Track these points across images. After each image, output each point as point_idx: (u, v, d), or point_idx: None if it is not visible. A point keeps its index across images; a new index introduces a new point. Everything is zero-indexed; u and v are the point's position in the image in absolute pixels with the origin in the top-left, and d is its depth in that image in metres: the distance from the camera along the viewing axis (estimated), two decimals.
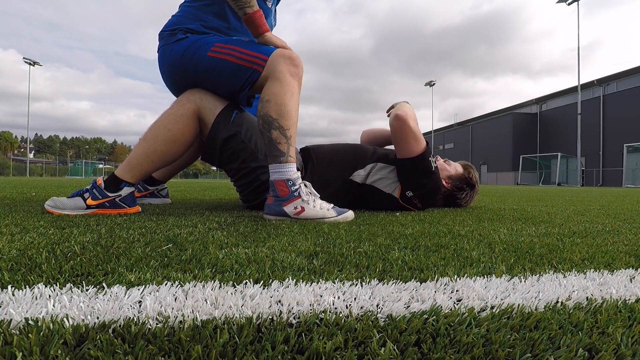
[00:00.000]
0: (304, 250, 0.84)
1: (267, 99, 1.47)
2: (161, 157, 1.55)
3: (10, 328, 0.40)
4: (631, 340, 0.42)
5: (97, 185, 1.48)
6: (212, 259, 0.73)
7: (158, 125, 1.56)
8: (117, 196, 1.49)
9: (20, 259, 0.68)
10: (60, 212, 1.42)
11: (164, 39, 1.61)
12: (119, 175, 1.52)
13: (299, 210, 1.40)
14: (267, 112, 1.46)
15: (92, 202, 1.46)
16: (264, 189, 1.69)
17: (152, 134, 1.55)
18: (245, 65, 1.52)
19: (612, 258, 0.84)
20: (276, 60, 1.50)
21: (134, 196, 1.55)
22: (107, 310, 0.45)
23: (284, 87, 1.47)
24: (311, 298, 0.51)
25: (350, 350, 0.37)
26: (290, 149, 1.46)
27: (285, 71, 1.49)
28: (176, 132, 1.55)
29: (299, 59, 1.53)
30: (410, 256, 0.79)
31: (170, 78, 1.66)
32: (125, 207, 1.51)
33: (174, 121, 1.56)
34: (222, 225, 1.22)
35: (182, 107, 1.57)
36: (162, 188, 2.17)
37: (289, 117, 1.47)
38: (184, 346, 0.37)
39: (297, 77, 1.52)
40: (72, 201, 1.46)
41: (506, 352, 0.38)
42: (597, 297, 0.56)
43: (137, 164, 1.53)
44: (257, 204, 1.76)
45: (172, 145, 1.56)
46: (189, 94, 1.60)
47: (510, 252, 0.88)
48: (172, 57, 1.58)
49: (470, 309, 0.49)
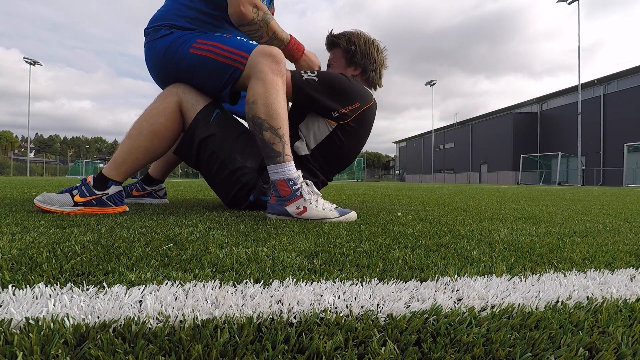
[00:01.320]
0: (304, 249, 0.84)
1: (253, 101, 1.45)
2: (145, 153, 1.53)
3: (10, 327, 0.40)
4: (632, 339, 0.42)
5: (86, 183, 1.48)
6: (212, 258, 0.73)
7: (141, 121, 1.54)
8: (104, 194, 1.47)
9: (20, 259, 0.68)
10: (47, 208, 1.42)
11: (149, 36, 1.60)
12: (105, 173, 1.51)
13: (302, 210, 1.40)
14: (256, 114, 1.44)
15: (80, 199, 1.45)
16: (247, 190, 1.65)
17: (135, 130, 1.53)
18: (227, 62, 1.50)
19: (612, 257, 0.84)
20: (256, 59, 1.47)
21: (121, 195, 1.53)
22: (108, 310, 0.45)
23: (267, 87, 1.45)
24: (311, 297, 0.51)
25: (350, 350, 0.37)
26: (286, 148, 1.45)
27: (267, 70, 1.46)
28: (159, 126, 1.53)
29: (280, 54, 1.50)
30: (410, 256, 0.79)
31: (155, 74, 1.65)
32: (111, 206, 1.49)
33: (157, 115, 1.53)
34: (222, 224, 1.22)
35: (165, 101, 1.55)
36: (160, 188, 2.15)
37: (278, 116, 1.45)
38: (185, 345, 0.37)
39: (280, 74, 1.49)
40: (60, 197, 1.45)
41: (506, 352, 0.38)
42: (597, 297, 0.56)
43: (122, 162, 1.51)
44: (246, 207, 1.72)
45: (156, 140, 1.53)
46: (172, 87, 1.59)
47: (510, 251, 0.88)
48: (155, 54, 1.57)
49: (471, 308, 0.49)
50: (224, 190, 1.70)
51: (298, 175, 1.45)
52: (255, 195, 1.65)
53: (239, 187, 1.65)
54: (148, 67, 1.66)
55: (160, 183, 2.15)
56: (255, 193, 1.65)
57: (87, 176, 1.51)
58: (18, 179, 10.26)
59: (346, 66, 1.83)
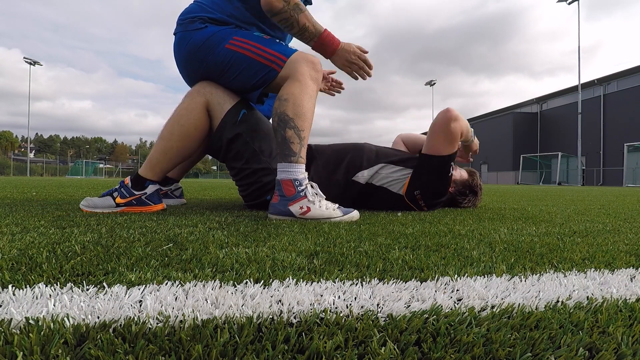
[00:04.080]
0: (304, 249, 0.84)
1: (286, 98, 1.46)
2: (178, 153, 1.59)
3: (10, 327, 0.40)
4: (632, 339, 0.42)
5: (124, 185, 1.56)
6: (212, 258, 0.73)
7: (172, 122, 1.58)
8: (142, 194, 1.56)
9: (20, 259, 0.68)
10: (92, 211, 1.51)
11: (182, 25, 1.59)
12: (142, 174, 1.58)
13: (305, 210, 1.40)
14: (284, 111, 1.45)
15: (121, 201, 1.54)
16: (265, 191, 1.69)
17: (167, 132, 1.58)
18: (264, 62, 1.51)
19: (612, 257, 0.84)
20: (298, 61, 1.50)
21: (159, 194, 1.61)
22: (108, 310, 0.45)
23: (303, 89, 1.47)
24: (311, 297, 0.51)
25: (350, 350, 0.37)
26: (302, 150, 1.46)
27: (306, 73, 1.49)
28: (189, 126, 1.57)
29: (320, 64, 1.54)
30: (410, 256, 0.79)
31: (185, 67, 1.64)
32: (150, 205, 1.58)
33: (186, 116, 1.58)
34: (222, 224, 1.22)
35: (193, 101, 1.59)
36: (176, 188, 2.12)
37: (305, 119, 1.47)
38: (185, 346, 0.37)
39: (317, 82, 1.53)
40: (103, 200, 1.54)
41: (506, 352, 0.38)
42: (597, 297, 0.56)
43: (157, 162, 1.58)
44: (257, 203, 1.75)
45: (187, 140, 1.58)
46: (199, 87, 1.61)
47: (510, 251, 0.88)
48: (190, 46, 1.56)
49: (471, 308, 0.49)
50: (245, 187, 1.75)
51: (305, 177, 1.46)
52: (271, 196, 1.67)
53: (259, 186, 1.69)
54: (177, 58, 1.64)
55: (176, 182, 2.12)
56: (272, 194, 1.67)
57: (125, 178, 1.60)
58: (18, 179, 10.26)
59: (455, 189, 2.08)
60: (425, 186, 1.79)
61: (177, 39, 1.61)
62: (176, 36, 1.61)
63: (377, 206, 1.88)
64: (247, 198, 1.79)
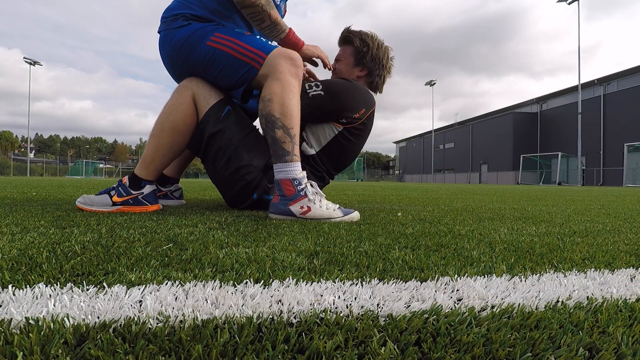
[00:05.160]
0: (304, 249, 0.84)
1: (269, 98, 1.46)
2: (170, 149, 1.58)
3: (10, 327, 0.40)
4: (632, 339, 0.42)
5: (122, 184, 1.56)
6: (212, 258, 0.73)
7: (162, 119, 1.58)
8: (139, 194, 1.56)
9: (20, 259, 0.68)
10: (89, 208, 1.52)
11: (165, 23, 1.59)
12: (137, 174, 1.57)
13: (305, 210, 1.40)
14: (270, 112, 1.45)
15: (118, 199, 1.54)
16: (251, 189, 1.65)
17: (158, 129, 1.57)
18: (243, 60, 1.51)
19: (612, 257, 0.84)
20: (276, 59, 1.49)
21: (155, 194, 1.61)
22: (108, 310, 0.45)
23: (285, 87, 1.47)
24: (311, 297, 0.51)
25: (350, 350, 0.37)
26: (295, 148, 1.46)
27: (285, 71, 1.48)
28: (178, 121, 1.57)
29: (299, 59, 1.53)
30: (410, 256, 0.79)
31: (171, 65, 1.65)
32: (147, 205, 1.58)
33: (175, 111, 1.57)
34: (222, 224, 1.22)
35: (181, 96, 1.58)
36: (176, 189, 2.07)
37: (292, 117, 1.47)
38: (185, 346, 0.37)
39: (297, 77, 1.52)
40: (100, 198, 1.55)
41: (506, 352, 0.38)
42: (597, 297, 0.56)
43: (150, 161, 1.57)
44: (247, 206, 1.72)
45: (177, 135, 1.58)
46: (186, 82, 1.61)
47: (510, 251, 0.88)
48: (173, 44, 1.57)
49: (471, 308, 0.49)
50: (227, 187, 1.71)
51: (303, 175, 1.45)
52: (259, 194, 1.65)
53: (243, 184, 1.65)
54: (163, 57, 1.65)
55: (176, 182, 2.08)
56: (259, 192, 1.65)
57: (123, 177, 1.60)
58: (18, 179, 10.26)
59: (354, 65, 1.85)
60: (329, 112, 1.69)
61: (161, 37, 1.61)
62: (160, 34, 1.61)
63: (342, 154, 1.79)
64: (233, 200, 1.74)
